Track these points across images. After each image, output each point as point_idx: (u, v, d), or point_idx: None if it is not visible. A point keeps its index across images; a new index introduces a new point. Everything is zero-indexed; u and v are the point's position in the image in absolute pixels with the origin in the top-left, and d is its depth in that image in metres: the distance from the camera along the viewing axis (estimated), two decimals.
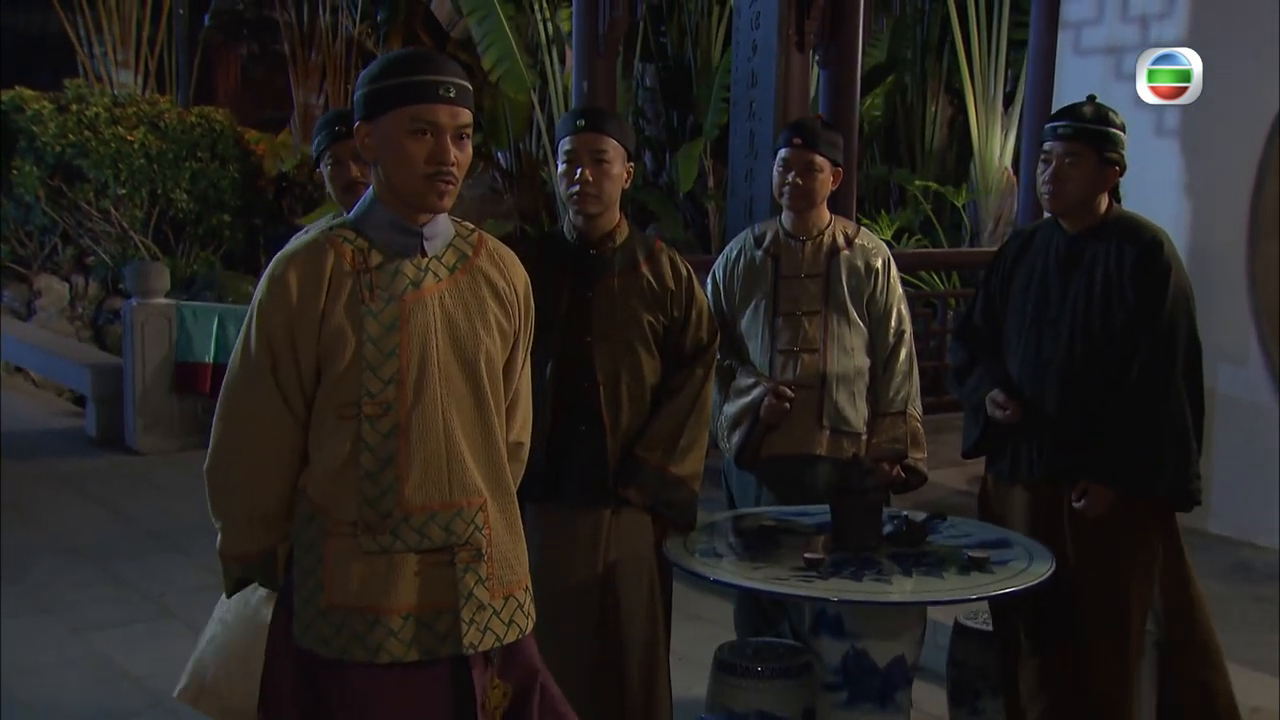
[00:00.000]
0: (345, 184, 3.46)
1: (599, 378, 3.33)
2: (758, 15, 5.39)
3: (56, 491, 7.32)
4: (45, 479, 7.55)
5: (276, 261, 2.43)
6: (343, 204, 3.53)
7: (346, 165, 3.45)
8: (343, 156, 3.44)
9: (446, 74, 2.38)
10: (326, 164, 3.51)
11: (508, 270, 2.54)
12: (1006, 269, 3.62)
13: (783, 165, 3.86)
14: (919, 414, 3.93)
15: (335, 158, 3.47)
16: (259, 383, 2.38)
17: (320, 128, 3.56)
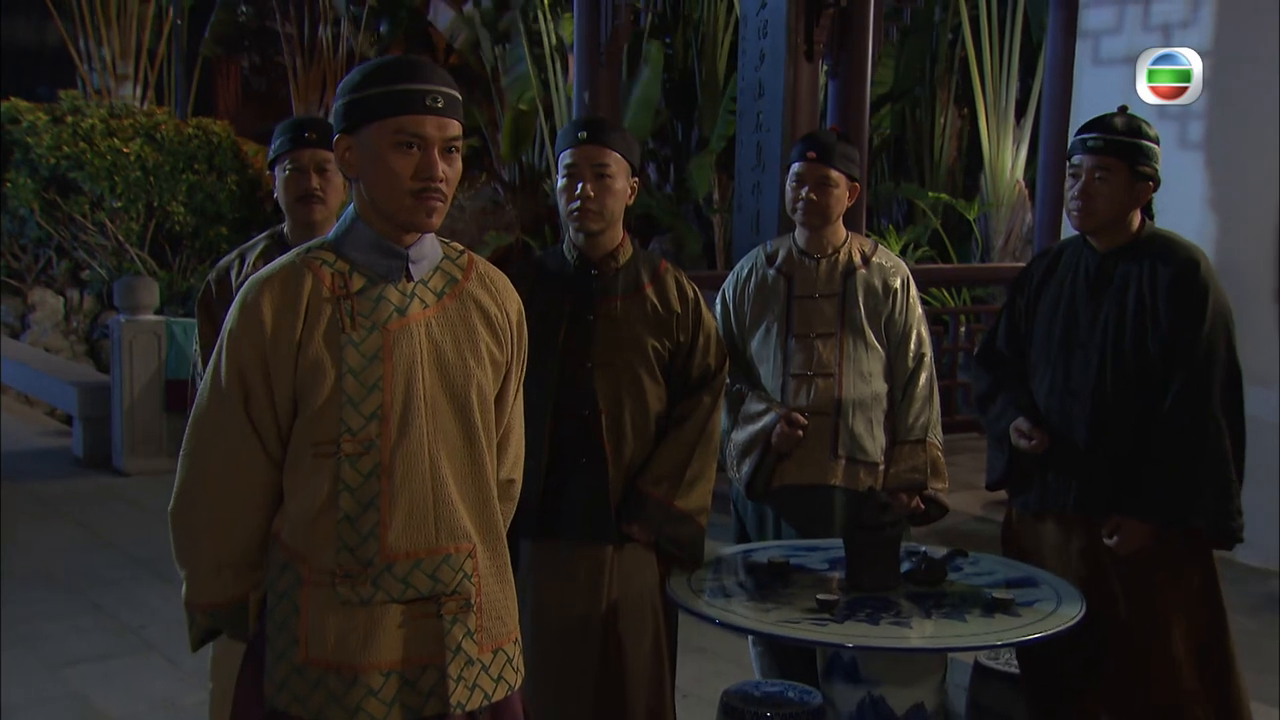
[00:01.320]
0: (300, 194, 3.34)
1: (600, 406, 3.19)
2: (765, 23, 5.24)
3: (38, 515, 7.11)
4: (28, 501, 7.35)
5: (249, 286, 2.27)
6: (292, 216, 3.40)
7: (307, 175, 3.34)
8: (304, 165, 3.33)
9: (434, 83, 2.22)
10: (284, 169, 3.36)
11: (500, 295, 2.39)
12: (1032, 290, 3.44)
13: (796, 180, 3.71)
14: (940, 442, 3.76)
15: (296, 165, 3.35)
16: (230, 418, 2.22)
17: (284, 130, 3.40)
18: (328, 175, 3.34)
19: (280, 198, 3.42)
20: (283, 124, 3.46)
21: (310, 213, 3.36)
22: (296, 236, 3.30)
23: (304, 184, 3.34)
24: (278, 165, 3.40)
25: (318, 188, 3.34)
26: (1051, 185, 6.48)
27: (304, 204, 3.34)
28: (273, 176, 3.44)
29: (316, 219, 3.37)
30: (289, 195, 3.36)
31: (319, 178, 3.33)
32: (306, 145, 3.31)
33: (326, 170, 3.33)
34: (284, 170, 3.36)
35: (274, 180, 3.43)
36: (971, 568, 3.34)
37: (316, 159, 3.31)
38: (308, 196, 3.34)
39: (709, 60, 11.87)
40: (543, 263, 3.38)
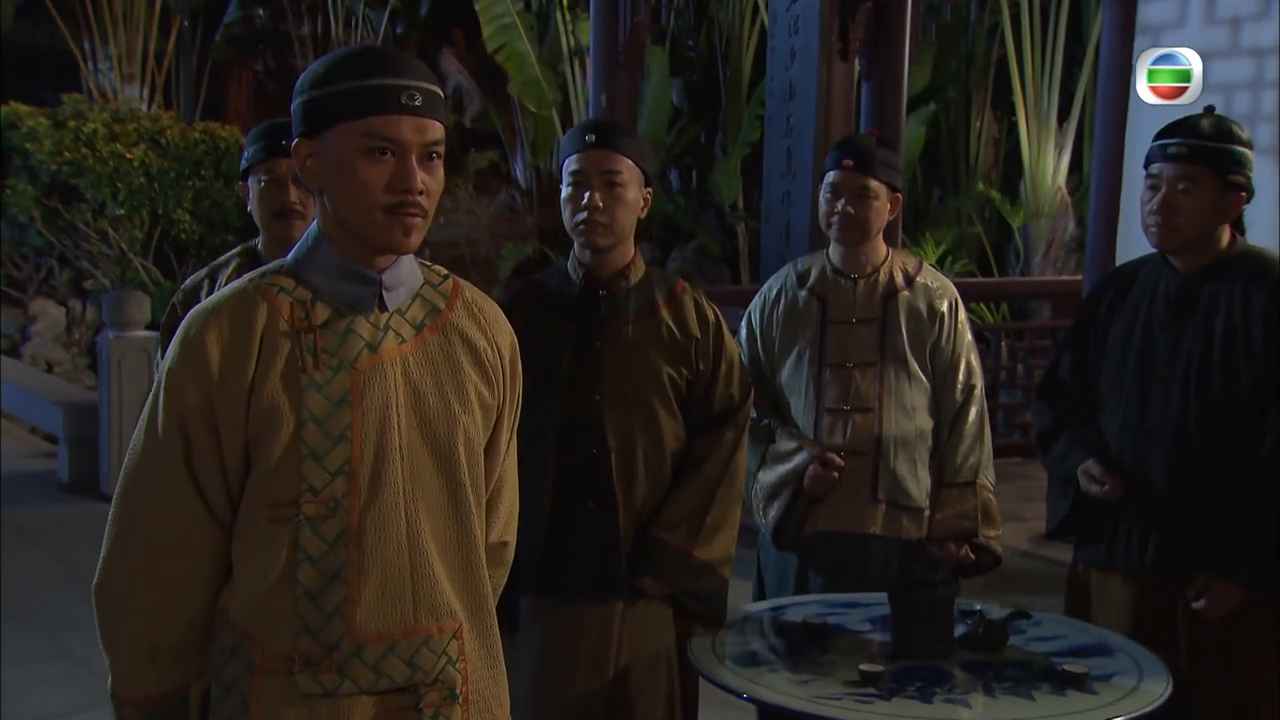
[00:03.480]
0: (278, 208, 3.04)
1: (610, 444, 2.91)
2: (796, 19, 4.91)
3: (15, 545, 6.69)
4: (4, 530, 6.90)
5: (192, 317, 1.96)
6: (269, 232, 3.08)
7: (285, 187, 3.03)
8: (281, 175, 3.02)
9: (410, 76, 1.91)
10: (258, 180, 3.04)
11: (489, 327, 2.09)
12: (1103, 315, 3.13)
13: (831, 191, 3.40)
14: (992, 483, 3.44)
15: (272, 175, 3.04)
16: (168, 474, 1.92)
17: (257, 136, 3.09)
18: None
19: (254, 212, 3.12)
20: (256, 129, 3.14)
21: (289, 229, 3.04)
22: (273, 255, 2.96)
23: (281, 197, 3.04)
24: (251, 175, 3.09)
25: (297, 201, 3.04)
26: (1104, 194, 6.16)
27: (281, 219, 3.05)
28: (246, 187, 3.11)
29: (296, 236, 3.01)
30: (264, 210, 3.07)
31: (298, 190, 3.03)
32: (284, 154, 2.95)
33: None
34: (259, 181, 3.07)
35: (247, 191, 3.10)
36: (1035, 630, 2.99)
37: (294, 168, 2.97)
38: (285, 211, 3.05)
39: (733, 61, 11.59)
40: (543, 283, 3.07)
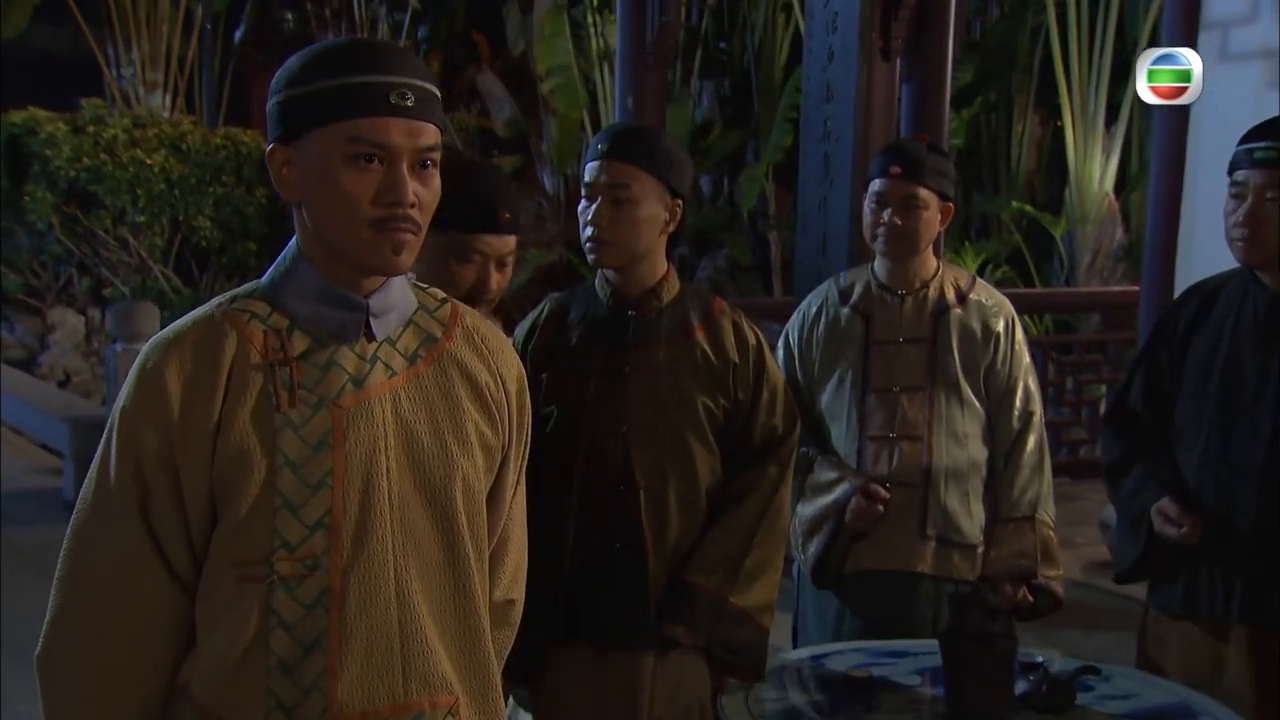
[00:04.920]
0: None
1: (639, 480, 2.67)
2: (834, 17, 4.65)
3: (16, 569, 6.37)
4: (5, 553, 6.60)
5: (150, 348, 1.73)
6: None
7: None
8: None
9: (401, 73, 1.68)
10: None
11: (493, 357, 1.85)
12: (1180, 336, 2.87)
13: (877, 200, 3.17)
14: (1052, 519, 3.19)
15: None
16: (121, 528, 1.70)
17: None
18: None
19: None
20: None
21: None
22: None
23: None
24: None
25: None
26: (1163, 201, 5.90)
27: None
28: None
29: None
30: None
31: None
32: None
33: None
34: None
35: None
36: (1105, 687, 2.71)
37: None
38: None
39: (766, 64, 11.34)
40: (567, 303, 2.82)
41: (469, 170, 2.55)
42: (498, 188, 2.54)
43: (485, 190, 2.50)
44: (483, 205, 2.48)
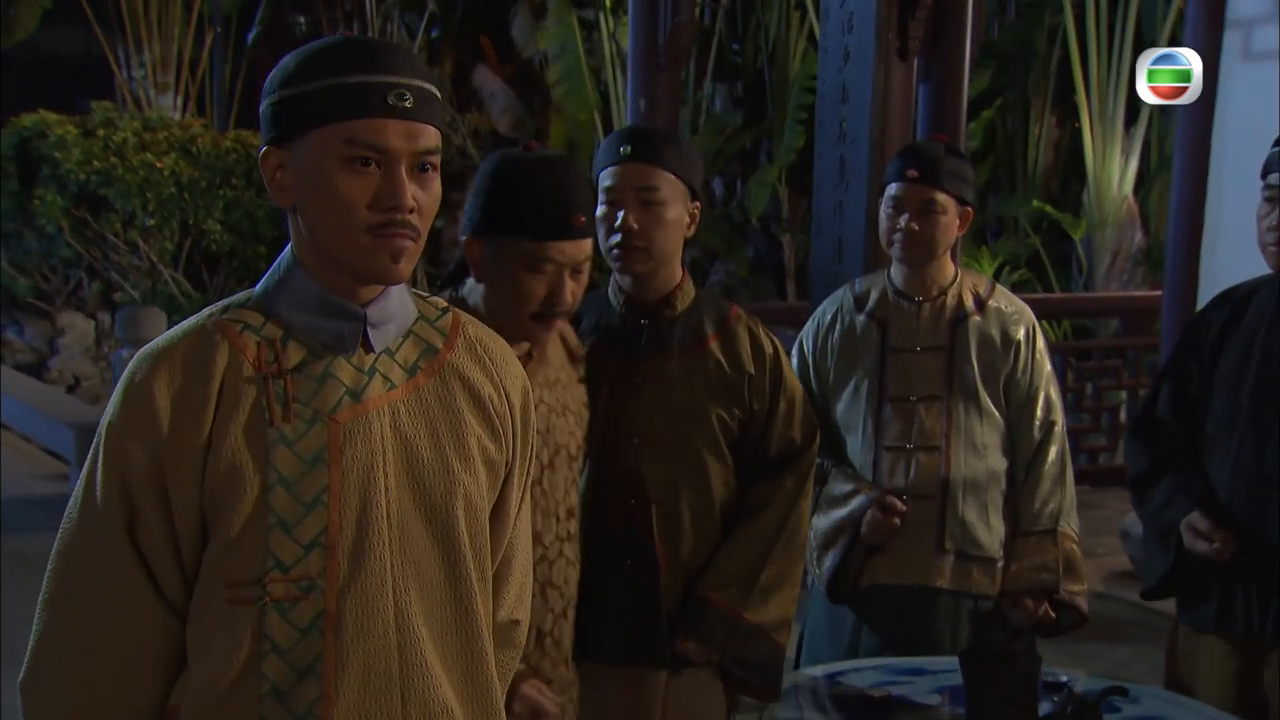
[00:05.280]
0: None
1: (650, 494, 2.61)
2: (850, 16, 4.55)
3: (17, 578, 6.22)
4: (8, 561, 6.45)
5: (138, 361, 1.67)
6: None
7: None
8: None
9: (400, 72, 1.61)
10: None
11: (496, 369, 1.78)
12: (1210, 345, 2.78)
13: (893, 205, 3.09)
14: (1075, 532, 3.11)
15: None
16: (108, 548, 1.63)
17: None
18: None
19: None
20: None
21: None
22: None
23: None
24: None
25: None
26: (1186, 204, 5.80)
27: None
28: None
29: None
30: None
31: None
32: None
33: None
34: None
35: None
36: (1133, 709, 2.62)
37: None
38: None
39: (780, 66, 11.25)
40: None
41: (536, 166, 2.25)
42: (570, 186, 2.24)
43: (556, 190, 2.22)
44: (553, 207, 2.20)
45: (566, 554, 2.41)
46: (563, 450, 2.38)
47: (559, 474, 2.37)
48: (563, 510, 2.40)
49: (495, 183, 2.24)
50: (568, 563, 2.40)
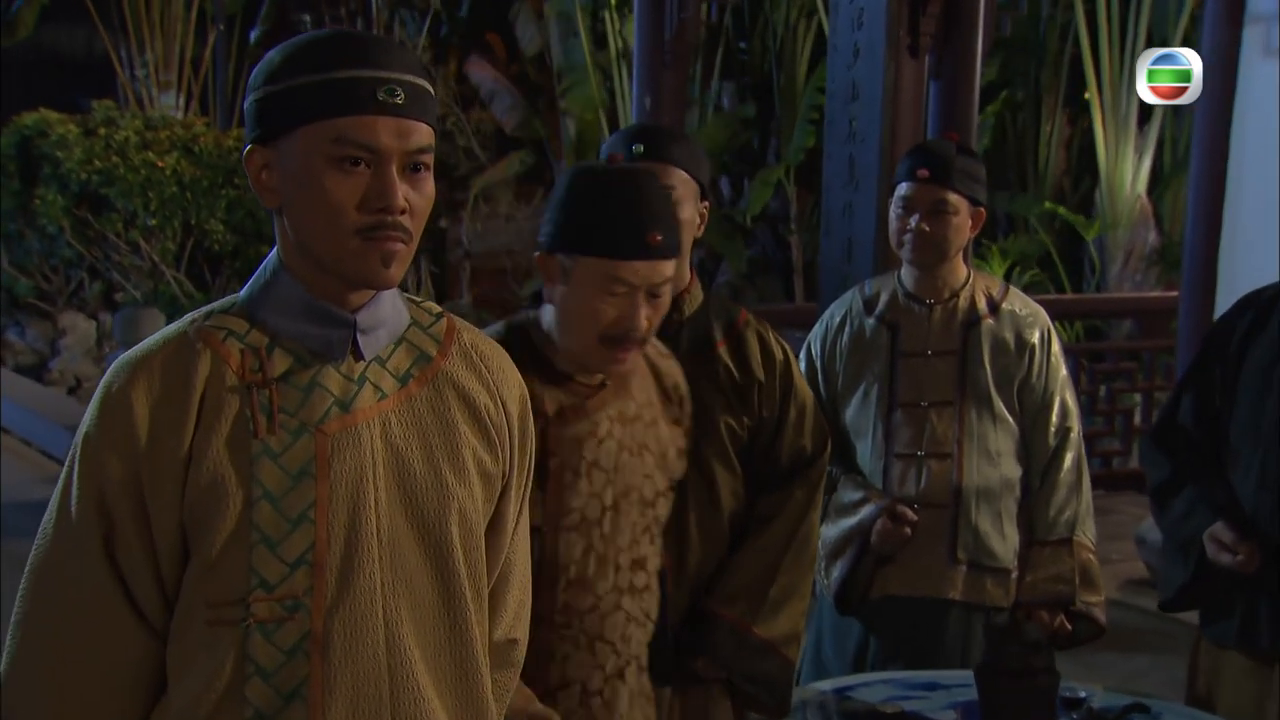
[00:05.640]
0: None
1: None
2: (860, 12, 4.47)
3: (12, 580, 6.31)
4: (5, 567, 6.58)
5: (116, 369, 1.60)
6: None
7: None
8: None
9: (391, 67, 1.54)
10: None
11: (493, 377, 1.71)
12: (1234, 350, 2.70)
13: (903, 205, 3.03)
14: (1092, 541, 3.05)
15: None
16: (84, 566, 1.56)
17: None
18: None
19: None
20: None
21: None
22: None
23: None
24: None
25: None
26: (1205, 202, 5.72)
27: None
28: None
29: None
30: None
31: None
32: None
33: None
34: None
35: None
36: None
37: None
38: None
39: (788, 64, 11.17)
40: None
41: (612, 179, 2.10)
42: (648, 201, 2.08)
43: (632, 205, 2.06)
44: (628, 224, 2.05)
45: (626, 608, 2.21)
46: (633, 493, 2.20)
47: (624, 518, 2.19)
48: (626, 559, 2.20)
49: (569, 196, 2.10)
50: (627, 619, 2.21)
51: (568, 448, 2.14)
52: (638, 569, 2.22)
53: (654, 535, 2.26)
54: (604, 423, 2.16)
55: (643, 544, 2.24)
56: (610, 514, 2.18)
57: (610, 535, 2.19)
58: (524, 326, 2.21)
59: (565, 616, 2.18)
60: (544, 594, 2.11)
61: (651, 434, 2.24)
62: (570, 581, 2.17)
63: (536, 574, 2.03)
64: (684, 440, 2.32)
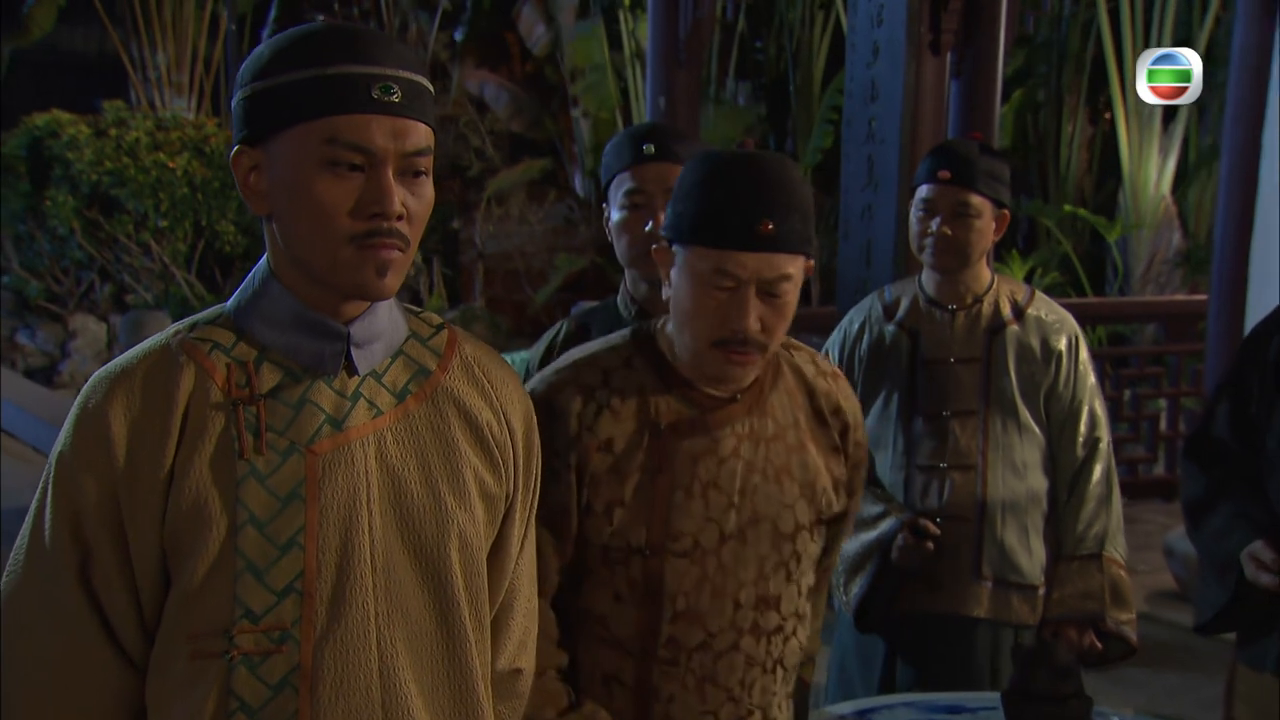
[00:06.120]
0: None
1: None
2: (880, 10, 4.37)
3: None
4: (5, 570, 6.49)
5: (93, 384, 1.51)
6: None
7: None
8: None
9: (385, 62, 1.45)
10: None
11: (496, 391, 1.62)
12: (1273, 358, 2.57)
13: (925, 208, 2.91)
14: (1122, 556, 2.93)
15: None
16: (58, 595, 1.47)
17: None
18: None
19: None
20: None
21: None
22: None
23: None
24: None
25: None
26: (1235, 203, 5.61)
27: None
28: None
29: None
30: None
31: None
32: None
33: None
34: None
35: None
36: None
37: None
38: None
39: (804, 64, 11.08)
40: (588, 321, 2.54)
41: (730, 162, 1.89)
42: (764, 187, 1.85)
43: (743, 190, 1.84)
44: (735, 209, 1.84)
45: (747, 650, 1.94)
46: (764, 522, 1.93)
47: (750, 549, 1.92)
48: (749, 595, 1.93)
49: (684, 182, 1.91)
50: (748, 662, 1.94)
51: (680, 464, 1.90)
52: (766, 608, 1.95)
53: (793, 573, 1.98)
54: (728, 439, 1.92)
55: (774, 581, 1.96)
56: (733, 543, 1.92)
57: (731, 567, 1.93)
58: (649, 332, 1.99)
59: (671, 652, 1.92)
60: (647, 625, 1.91)
61: (795, 459, 1.97)
62: (678, 613, 1.91)
63: (640, 601, 1.89)
64: (845, 470, 2.04)
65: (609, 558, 1.90)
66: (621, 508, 1.88)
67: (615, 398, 1.91)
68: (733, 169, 1.86)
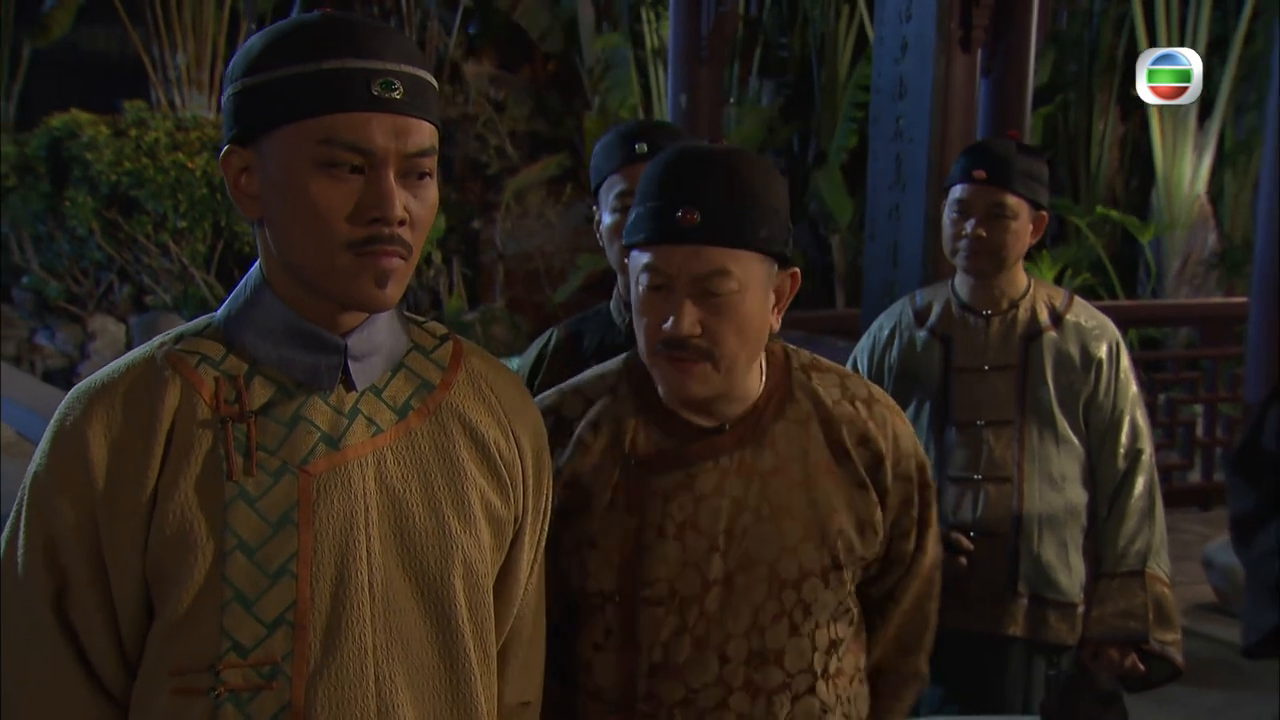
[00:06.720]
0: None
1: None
2: (908, 5, 4.28)
3: None
4: None
5: (71, 400, 1.43)
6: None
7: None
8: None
9: (385, 56, 1.36)
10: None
11: (504, 407, 1.53)
12: None
13: (959, 209, 2.82)
14: (1166, 573, 2.82)
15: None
16: (32, 626, 1.39)
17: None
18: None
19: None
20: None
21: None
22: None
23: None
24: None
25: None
26: (1275, 203, 5.51)
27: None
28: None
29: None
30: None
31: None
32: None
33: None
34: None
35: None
36: None
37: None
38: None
39: (829, 62, 10.99)
40: (579, 329, 2.41)
41: (660, 157, 1.76)
42: (685, 174, 1.69)
43: (670, 176, 1.70)
44: (659, 199, 1.69)
45: (738, 709, 1.74)
46: (760, 567, 1.73)
47: (736, 595, 1.73)
48: (740, 649, 1.74)
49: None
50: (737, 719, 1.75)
51: (651, 502, 1.73)
52: (763, 664, 1.75)
53: (800, 625, 1.76)
54: (708, 475, 1.74)
55: (772, 634, 1.75)
56: (718, 590, 1.73)
57: (717, 617, 1.73)
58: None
59: (651, 707, 1.75)
60: (626, 677, 1.75)
61: (800, 496, 1.76)
62: (654, 666, 1.74)
63: (618, 649, 1.74)
64: (875, 511, 1.80)
65: (586, 603, 1.76)
66: (593, 549, 1.73)
67: (589, 431, 1.76)
68: (666, 161, 1.72)
